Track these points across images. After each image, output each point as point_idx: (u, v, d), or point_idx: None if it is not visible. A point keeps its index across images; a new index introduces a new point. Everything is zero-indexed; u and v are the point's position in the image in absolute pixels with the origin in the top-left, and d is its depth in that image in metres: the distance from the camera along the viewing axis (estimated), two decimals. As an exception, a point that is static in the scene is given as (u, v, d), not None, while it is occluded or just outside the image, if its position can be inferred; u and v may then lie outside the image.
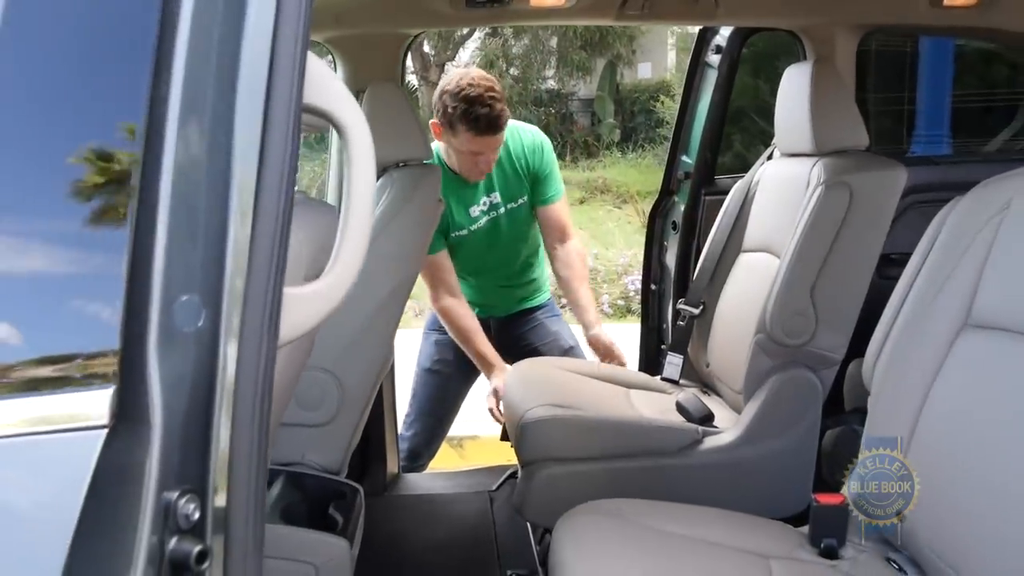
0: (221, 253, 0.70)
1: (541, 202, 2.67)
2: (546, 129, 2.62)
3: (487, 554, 2.29)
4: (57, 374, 0.62)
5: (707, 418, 2.18)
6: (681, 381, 2.53)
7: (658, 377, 2.57)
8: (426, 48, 12.22)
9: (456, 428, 2.97)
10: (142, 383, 0.65)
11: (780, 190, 2.33)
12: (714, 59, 2.77)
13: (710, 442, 2.12)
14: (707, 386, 2.52)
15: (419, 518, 2.51)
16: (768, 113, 2.50)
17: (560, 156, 13.15)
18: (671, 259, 2.94)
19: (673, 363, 2.54)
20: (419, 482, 2.75)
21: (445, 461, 3.23)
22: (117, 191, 0.65)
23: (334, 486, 1.85)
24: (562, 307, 3.19)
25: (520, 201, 2.64)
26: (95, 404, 0.61)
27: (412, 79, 12.20)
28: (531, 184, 2.65)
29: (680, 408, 2.21)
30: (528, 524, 2.33)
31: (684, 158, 2.92)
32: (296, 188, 0.77)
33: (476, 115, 2.35)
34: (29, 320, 0.63)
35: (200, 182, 0.69)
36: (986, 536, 1.23)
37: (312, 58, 0.77)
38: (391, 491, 2.66)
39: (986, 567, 1.22)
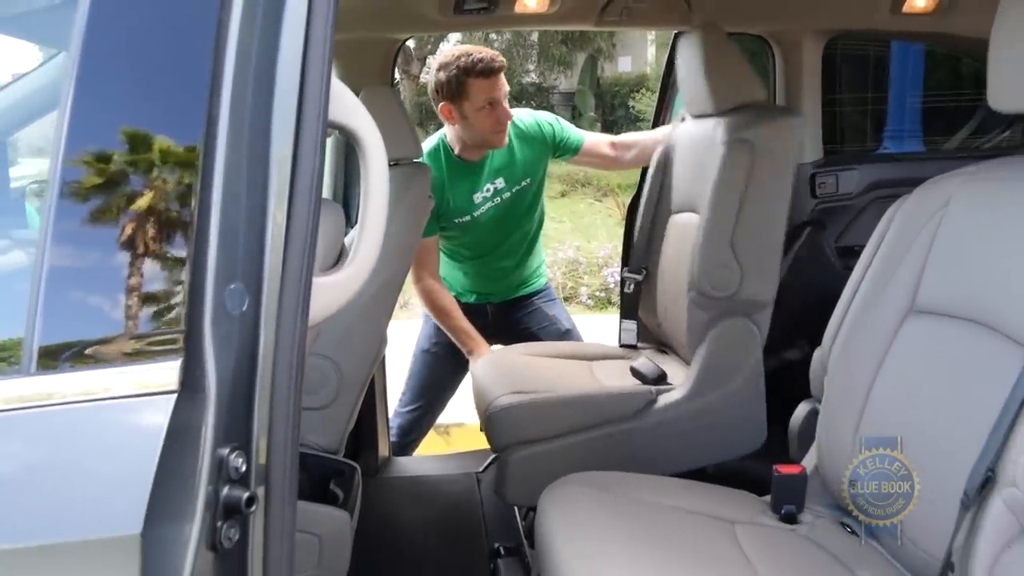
0: (261, 249, 0.83)
1: (575, 149, 2.84)
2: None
3: (475, 530, 2.42)
4: (142, 348, 0.75)
5: (660, 378, 2.29)
6: (639, 345, 2.65)
7: (617, 345, 2.69)
8: (408, 42, 12.29)
9: (442, 416, 3.09)
10: (200, 357, 0.78)
11: (693, 151, 2.44)
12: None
13: (664, 400, 2.24)
14: (664, 345, 2.64)
15: (410, 498, 2.64)
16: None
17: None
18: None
19: (628, 329, 2.66)
20: (409, 465, 2.88)
21: (432, 447, 3.35)
22: (182, 198, 0.77)
23: (334, 464, 1.98)
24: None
25: (525, 183, 2.76)
26: (170, 372, 0.74)
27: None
28: (555, 151, 2.82)
29: (634, 372, 2.32)
30: (513, 503, 2.47)
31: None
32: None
33: (478, 58, 2.53)
34: (119, 307, 0.75)
35: (243, 189, 0.82)
36: (924, 499, 1.38)
37: (335, 80, 0.90)
38: (383, 473, 2.79)
39: (925, 526, 1.37)
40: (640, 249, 2.67)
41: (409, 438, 2.98)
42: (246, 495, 0.79)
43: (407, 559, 2.30)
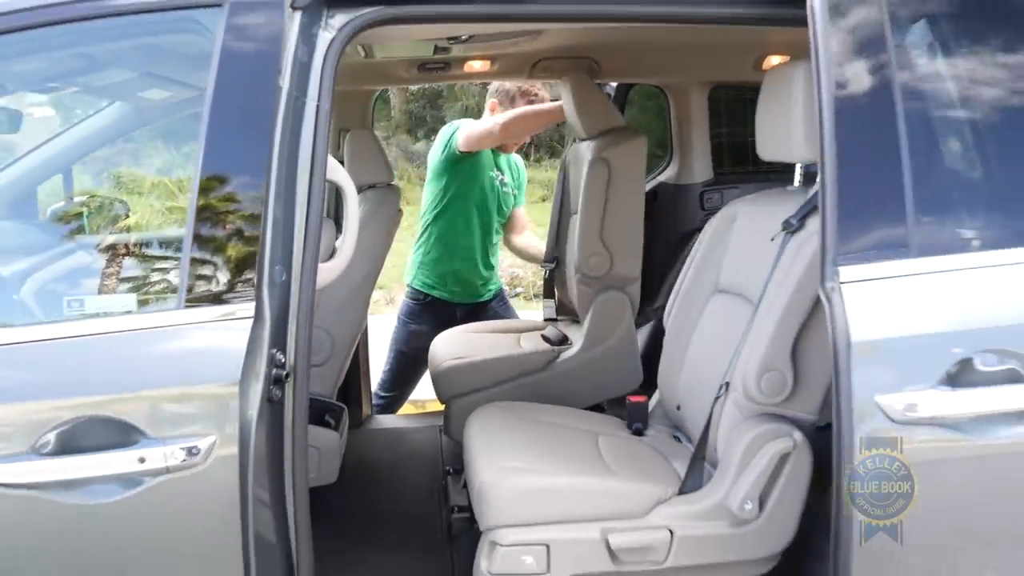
0: (291, 248, 1.58)
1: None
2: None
3: (434, 461, 3.16)
4: (237, 296, 1.51)
5: (562, 340, 3.09)
6: (559, 317, 3.39)
7: (543, 320, 3.45)
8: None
9: (418, 392, 3.83)
10: (263, 302, 1.53)
11: (576, 165, 3.18)
12: (607, 102, 3.69)
13: (564, 356, 3.03)
14: (575, 316, 3.33)
15: (386, 441, 3.39)
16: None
17: (525, 156, 13.83)
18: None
19: (547, 306, 3.42)
20: (386, 420, 3.63)
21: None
22: (255, 221, 1.53)
23: (328, 404, 2.73)
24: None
25: (508, 191, 3.57)
26: (249, 309, 1.50)
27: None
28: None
29: (544, 338, 3.15)
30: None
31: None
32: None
33: (535, 92, 3.39)
34: (227, 276, 1.52)
35: (282, 216, 1.58)
36: (705, 406, 2.13)
37: (329, 156, 1.67)
38: (365, 426, 3.54)
39: (702, 423, 2.13)
40: (551, 243, 3.42)
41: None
42: (284, 372, 1.55)
43: (382, 479, 3.05)
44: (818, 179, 1.54)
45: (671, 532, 1.92)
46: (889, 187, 1.49)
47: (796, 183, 2.22)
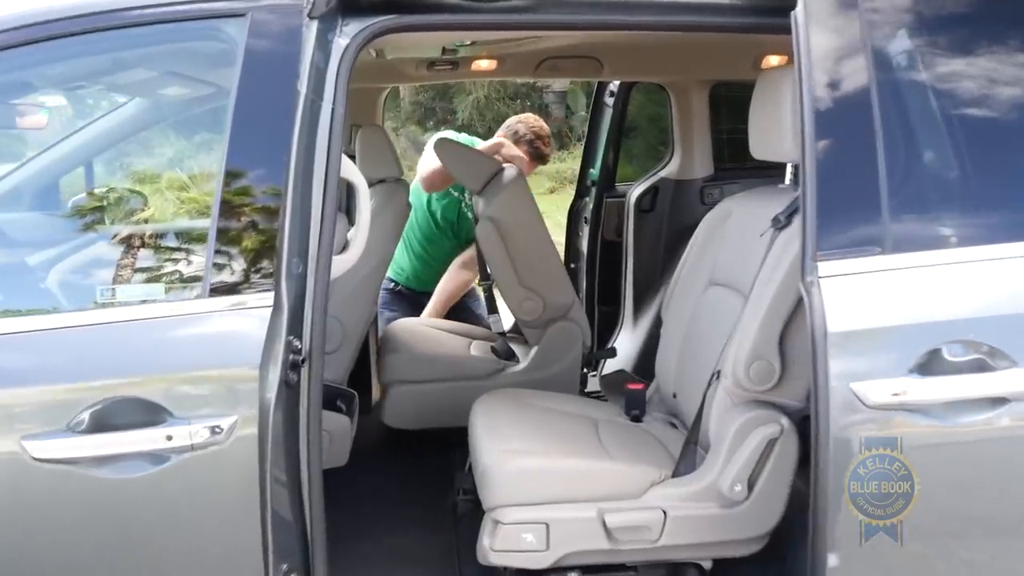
0: (307, 240, 1.69)
1: None
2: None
3: (440, 444, 3.27)
4: (258, 287, 1.62)
5: (510, 356, 3.23)
6: (509, 334, 3.49)
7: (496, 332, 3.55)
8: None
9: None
10: (281, 293, 1.64)
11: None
12: (610, 100, 3.79)
13: (509, 371, 3.16)
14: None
15: (395, 429, 3.50)
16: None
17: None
18: (584, 246, 3.97)
19: (495, 320, 3.51)
20: (394, 408, 3.74)
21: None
22: (274, 216, 1.64)
23: (339, 390, 2.85)
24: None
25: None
26: (269, 298, 1.61)
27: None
28: None
29: (493, 350, 3.27)
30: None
31: (592, 170, 3.96)
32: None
33: (540, 149, 3.56)
34: (248, 268, 1.63)
35: (299, 207, 1.68)
36: (698, 392, 2.24)
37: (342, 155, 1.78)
38: (373, 413, 3.65)
39: (695, 409, 2.24)
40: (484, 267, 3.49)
41: None
42: (301, 358, 1.66)
43: (390, 463, 3.17)
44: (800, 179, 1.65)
45: (664, 512, 2.02)
46: (865, 187, 1.59)
47: (787, 181, 2.32)
